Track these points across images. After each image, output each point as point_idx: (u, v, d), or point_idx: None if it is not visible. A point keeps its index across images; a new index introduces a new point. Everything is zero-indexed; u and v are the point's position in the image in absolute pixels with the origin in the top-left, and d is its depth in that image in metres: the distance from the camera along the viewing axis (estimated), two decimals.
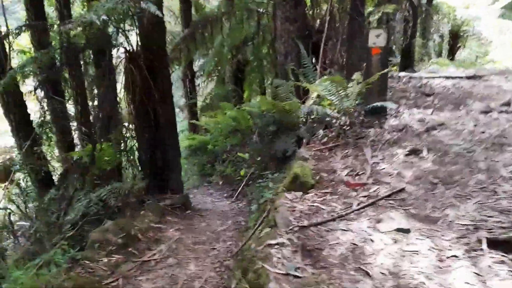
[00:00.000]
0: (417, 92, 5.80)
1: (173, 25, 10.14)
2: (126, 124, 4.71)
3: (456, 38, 17.00)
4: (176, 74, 10.82)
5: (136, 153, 4.63)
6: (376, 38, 4.74)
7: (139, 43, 4.71)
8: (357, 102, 4.59)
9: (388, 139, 4.09)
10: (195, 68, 11.48)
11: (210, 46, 8.76)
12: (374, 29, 4.75)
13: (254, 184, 5.46)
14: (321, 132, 4.66)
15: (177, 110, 15.67)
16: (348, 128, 4.47)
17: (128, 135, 4.68)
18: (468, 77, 6.56)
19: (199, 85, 11.47)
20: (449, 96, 5.47)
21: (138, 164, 4.63)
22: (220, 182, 6.94)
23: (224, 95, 9.70)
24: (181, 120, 15.01)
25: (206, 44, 8.28)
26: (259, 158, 5.87)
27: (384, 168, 3.49)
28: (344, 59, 6.55)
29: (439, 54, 15.71)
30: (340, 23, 6.69)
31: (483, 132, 4.01)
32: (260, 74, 10.13)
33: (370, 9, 7.57)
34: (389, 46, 4.56)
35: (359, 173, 3.45)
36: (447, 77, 6.65)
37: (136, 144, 4.63)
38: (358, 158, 3.78)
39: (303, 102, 5.80)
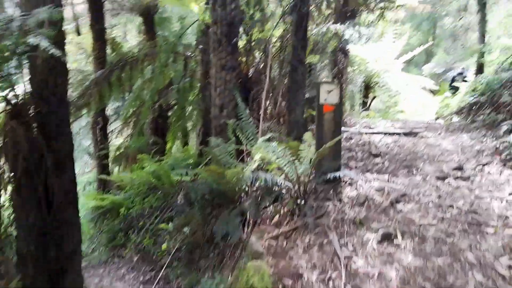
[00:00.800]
0: (363, 151, 5.39)
1: (83, 64, 8.77)
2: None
3: (368, 89, 18.23)
4: (85, 117, 9.28)
5: (14, 245, 3.23)
6: (328, 94, 4.19)
7: (28, 91, 3.46)
8: (311, 168, 3.89)
9: (353, 218, 3.40)
10: (109, 113, 10.06)
11: (128, 90, 7.59)
12: (325, 83, 4.20)
13: (182, 267, 4.32)
14: (270, 207, 3.82)
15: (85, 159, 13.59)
16: (302, 201, 3.70)
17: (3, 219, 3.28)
18: (405, 134, 6.45)
19: (112, 131, 10.02)
20: (396, 157, 5.13)
21: (16, 261, 3.22)
22: (135, 258, 5.58)
23: (142, 146, 8.43)
24: (88, 170, 13.02)
25: (123, 88, 7.12)
26: (186, 230, 4.77)
27: (360, 267, 2.73)
28: (286, 113, 5.96)
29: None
30: (279, 72, 6.16)
31: (451, 206, 3.56)
32: (186, 122, 9.15)
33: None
34: (342, 103, 4.00)
35: (332, 277, 2.63)
36: (386, 133, 6.47)
37: (15, 233, 3.24)
38: (325, 250, 2.97)
39: (241, 160, 4.98)
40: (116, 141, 10.80)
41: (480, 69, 11.34)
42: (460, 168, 4.45)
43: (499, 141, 5.28)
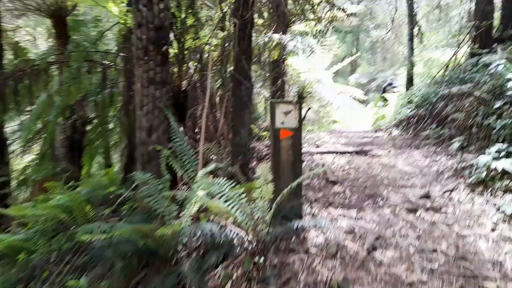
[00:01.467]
0: (319, 177, 4.73)
1: None
2: None
3: (302, 99, 18.22)
4: None
5: None
6: (285, 116, 3.42)
7: None
8: (269, 212, 3.07)
9: (328, 281, 2.64)
10: (10, 130, 8.25)
11: (27, 106, 6.12)
12: (282, 103, 3.42)
13: None
14: (219, 267, 2.90)
15: None
16: (261, 258, 2.85)
17: None
18: (357, 153, 5.98)
19: (13, 152, 8.24)
20: (356, 182, 4.55)
21: None
22: None
23: (50, 171, 6.92)
24: None
25: (19, 104, 5.66)
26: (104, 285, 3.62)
27: None
28: (229, 135, 5.09)
29: None
30: (221, 87, 5.29)
31: (435, 251, 2.99)
32: (106, 142, 7.79)
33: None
34: (301, 127, 3.25)
35: None
36: (336, 153, 5.94)
37: None
38: None
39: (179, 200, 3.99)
40: (20, 165, 8.98)
41: (410, 81, 11.66)
42: (427, 196, 3.98)
43: (455, 160, 5.01)
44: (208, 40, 5.97)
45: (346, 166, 5.22)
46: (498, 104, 4.56)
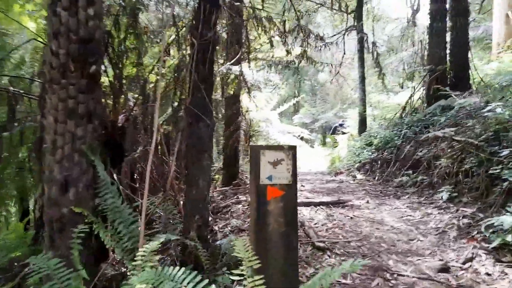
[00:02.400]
0: (301, 241, 3.65)
1: None
2: None
3: (250, 138, 17.46)
4: None
5: None
6: (273, 168, 2.35)
7: None
8: None
9: None
10: None
11: None
12: (268, 149, 2.36)
13: None
14: None
15: None
16: None
17: None
18: (333, 204, 5.06)
19: None
20: (349, 249, 3.54)
21: None
22: None
23: None
24: None
25: None
26: None
27: None
28: (180, 187, 3.86)
29: None
30: (174, 126, 4.11)
31: None
32: (19, 186, 6.08)
33: None
34: (296, 182, 2.16)
35: None
36: (310, 204, 4.96)
37: None
38: None
39: None
40: None
41: (363, 123, 11.42)
42: (446, 269, 3.09)
43: (451, 215, 4.27)
44: (155, 65, 4.85)
45: (327, 223, 4.23)
46: (505, 152, 3.96)
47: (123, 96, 5.12)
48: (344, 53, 13.30)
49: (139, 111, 4.94)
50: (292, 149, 2.40)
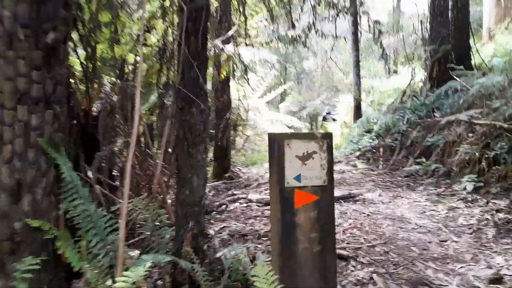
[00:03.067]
0: None
1: None
2: None
3: (236, 128, 16.79)
4: None
5: None
6: (302, 165, 1.72)
7: None
8: None
9: None
10: None
11: None
12: (296, 139, 1.72)
13: None
14: None
15: None
16: None
17: None
18: (344, 199, 4.49)
19: None
20: (376, 257, 2.96)
21: None
22: None
23: None
24: None
25: None
26: None
27: None
28: (167, 186, 3.19)
29: None
30: (161, 113, 3.41)
31: None
32: None
33: None
34: (333, 183, 1.51)
35: None
36: None
37: None
38: None
39: None
40: None
41: (358, 109, 10.88)
42: (499, 279, 2.55)
43: (481, 208, 3.76)
44: (135, 44, 4.13)
45: (343, 223, 3.65)
46: None
47: (97, 80, 4.38)
48: (337, 37, 12.69)
49: (118, 98, 4.22)
50: (327, 137, 1.77)
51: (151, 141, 3.78)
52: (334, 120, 14.77)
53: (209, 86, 9.41)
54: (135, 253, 3.41)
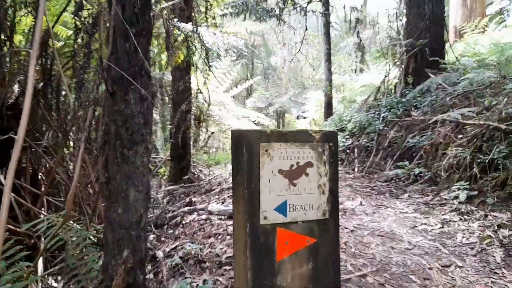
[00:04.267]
0: None
1: None
2: None
3: (200, 124, 15.91)
4: None
5: None
6: (291, 186, 0.98)
7: None
8: None
9: None
10: None
11: None
12: (278, 142, 0.99)
13: None
14: None
15: None
16: None
17: None
18: None
19: None
20: (367, 284, 2.31)
21: None
22: None
23: None
24: None
25: None
26: None
27: None
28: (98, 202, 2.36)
29: None
30: (86, 100, 2.56)
31: None
32: None
33: None
34: (338, 215, 0.77)
35: None
36: None
37: None
38: None
39: None
40: None
41: (329, 106, 10.37)
42: None
43: (480, 222, 3.24)
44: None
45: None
46: None
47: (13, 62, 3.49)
48: (306, 29, 12.14)
49: (42, 82, 3.31)
50: (330, 139, 1.05)
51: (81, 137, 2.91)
52: (304, 117, 14.30)
53: (168, 76, 8.47)
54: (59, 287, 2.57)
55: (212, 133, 15.64)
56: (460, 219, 3.43)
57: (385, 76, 7.88)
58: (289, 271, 1.01)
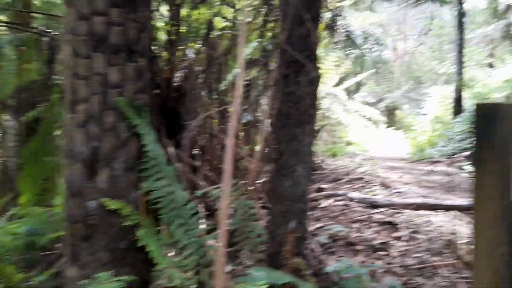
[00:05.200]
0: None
1: None
2: None
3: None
4: None
5: None
6: None
7: None
8: None
9: None
10: None
11: None
12: None
13: None
14: None
15: None
16: None
17: None
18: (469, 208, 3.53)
19: None
20: None
21: None
22: None
23: None
24: None
25: None
26: None
27: None
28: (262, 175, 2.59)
29: None
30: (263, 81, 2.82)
31: None
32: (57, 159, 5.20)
33: None
34: None
35: None
36: (437, 207, 3.46)
37: None
38: None
39: None
40: None
41: (458, 102, 9.40)
42: None
43: None
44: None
45: None
46: None
47: (180, 49, 3.91)
48: (433, 19, 11.15)
49: (203, 67, 3.74)
50: None
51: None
52: (423, 114, 13.27)
53: None
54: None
55: (326, 124, 15.52)
56: None
57: None
58: None
